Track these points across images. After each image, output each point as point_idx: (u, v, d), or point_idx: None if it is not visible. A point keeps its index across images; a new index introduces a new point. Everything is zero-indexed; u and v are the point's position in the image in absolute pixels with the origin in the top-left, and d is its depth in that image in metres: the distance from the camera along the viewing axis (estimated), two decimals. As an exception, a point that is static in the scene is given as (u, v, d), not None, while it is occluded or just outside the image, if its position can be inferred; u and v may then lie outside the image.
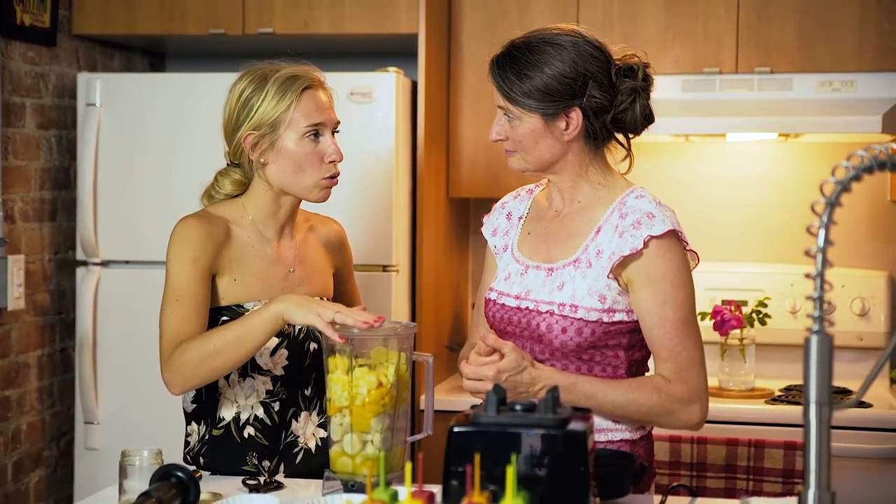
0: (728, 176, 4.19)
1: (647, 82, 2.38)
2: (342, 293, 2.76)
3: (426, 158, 3.76)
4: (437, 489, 1.88)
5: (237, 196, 2.59)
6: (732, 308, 3.78)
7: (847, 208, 4.13)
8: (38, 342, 3.85)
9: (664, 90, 3.88)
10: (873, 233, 4.08)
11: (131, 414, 3.80)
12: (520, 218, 2.54)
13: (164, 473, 2.07)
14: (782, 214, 4.14)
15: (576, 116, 2.33)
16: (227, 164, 2.60)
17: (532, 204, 2.55)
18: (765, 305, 3.84)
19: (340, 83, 3.63)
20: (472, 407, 1.97)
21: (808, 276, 1.67)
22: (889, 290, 3.98)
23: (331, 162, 2.52)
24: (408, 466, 1.63)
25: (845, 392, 3.77)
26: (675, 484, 2.35)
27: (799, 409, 3.54)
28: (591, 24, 3.85)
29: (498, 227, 2.56)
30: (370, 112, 3.61)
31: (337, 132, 2.56)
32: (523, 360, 2.26)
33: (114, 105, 3.82)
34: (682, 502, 2.27)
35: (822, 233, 1.65)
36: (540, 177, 2.47)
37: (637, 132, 2.42)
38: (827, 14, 3.77)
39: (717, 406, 3.57)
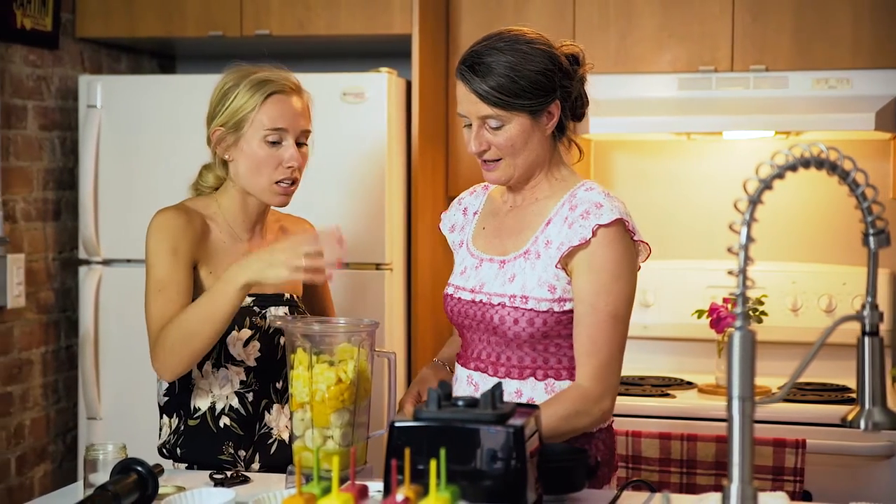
0: (728, 174, 4.19)
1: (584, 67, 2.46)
2: (314, 293, 2.81)
3: (421, 157, 3.79)
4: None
5: (215, 190, 2.65)
6: (729, 306, 3.78)
7: (849, 205, 4.14)
8: (41, 339, 3.92)
9: (660, 89, 3.90)
10: (834, 228, 4.07)
11: (133, 410, 3.86)
12: (474, 213, 2.58)
13: (123, 467, 2.12)
14: (782, 212, 4.14)
15: (555, 109, 2.38)
16: (213, 157, 2.67)
17: (486, 199, 2.59)
18: (761, 303, 3.83)
19: (333, 84, 3.70)
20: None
21: (730, 272, 1.69)
22: (891, 287, 3.97)
23: (288, 167, 2.55)
24: (334, 460, 1.67)
25: (845, 390, 3.76)
26: (636, 479, 2.36)
27: (790, 406, 3.55)
28: (587, 24, 3.90)
29: (455, 223, 2.61)
30: (362, 112, 3.65)
31: (303, 143, 2.59)
32: None
33: (114, 106, 3.89)
34: (642, 497, 2.29)
35: (744, 230, 1.67)
36: (517, 186, 2.46)
37: (581, 118, 2.48)
38: (822, 12, 3.77)
39: (709, 403, 3.58)
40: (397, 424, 1.91)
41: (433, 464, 1.64)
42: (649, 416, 3.54)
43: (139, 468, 2.11)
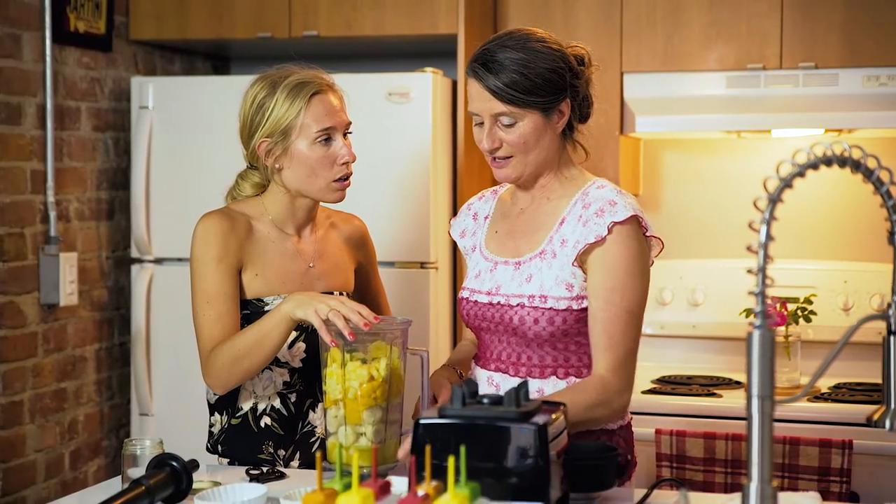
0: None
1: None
2: (367, 289, 2.83)
3: (466, 156, 3.81)
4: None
5: (257, 195, 2.68)
6: (777, 305, 3.76)
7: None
8: (95, 337, 4.00)
9: (708, 87, 3.89)
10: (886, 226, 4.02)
11: (184, 406, 3.91)
12: (486, 218, 2.60)
13: (159, 462, 2.16)
14: (834, 210, 4.10)
15: (566, 108, 2.41)
16: (247, 167, 2.69)
17: (497, 203, 2.61)
18: (810, 302, 3.80)
19: (378, 84, 3.73)
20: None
21: (749, 271, 1.69)
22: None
23: (343, 164, 2.59)
24: (355, 457, 1.69)
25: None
26: (665, 478, 2.37)
27: (837, 406, 3.52)
28: (634, 22, 3.89)
29: (465, 228, 2.63)
30: (407, 112, 3.68)
31: (349, 133, 2.63)
32: None
33: (166, 107, 3.95)
34: (672, 496, 2.28)
35: (763, 228, 1.67)
36: (527, 184, 2.48)
37: (587, 119, 2.50)
38: (872, 8, 3.73)
39: (756, 403, 3.56)
40: (422, 421, 1.92)
41: (451, 461, 1.65)
42: (696, 416, 3.52)
43: (174, 463, 2.15)
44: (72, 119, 3.87)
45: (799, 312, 3.80)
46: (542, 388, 2.40)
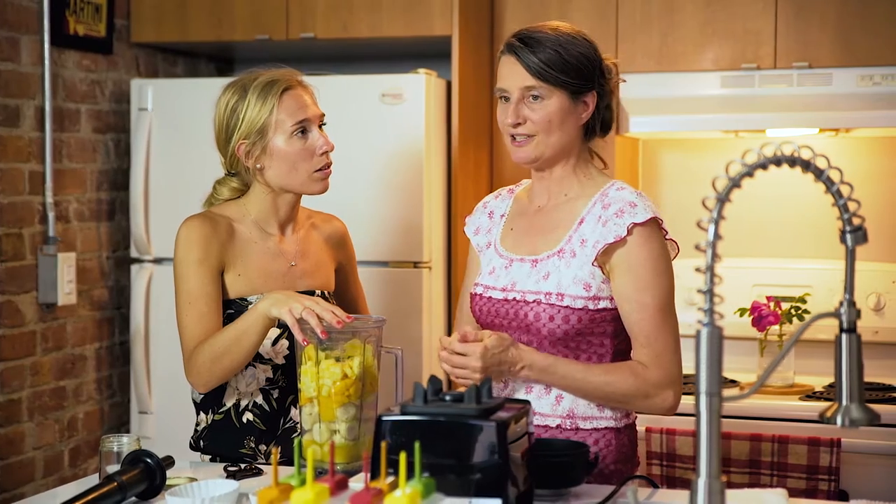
0: (774, 172, 4.15)
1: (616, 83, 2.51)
2: (346, 290, 2.87)
3: (461, 157, 3.83)
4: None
5: (237, 199, 2.72)
6: (771, 304, 3.76)
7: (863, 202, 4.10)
8: (95, 335, 4.04)
9: (703, 87, 3.90)
10: (886, 225, 4.03)
11: (183, 405, 3.93)
12: (501, 216, 2.62)
13: (133, 458, 2.20)
14: (832, 210, 4.10)
15: (591, 101, 2.45)
16: (225, 174, 2.74)
17: (513, 202, 2.62)
18: (804, 301, 3.80)
19: (372, 85, 3.76)
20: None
21: (698, 269, 1.71)
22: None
23: (322, 154, 2.64)
24: (310, 452, 1.72)
25: (889, 389, 3.72)
26: (637, 475, 2.39)
27: (826, 405, 3.51)
28: (629, 21, 3.91)
29: (480, 225, 2.64)
30: (401, 113, 3.71)
31: (324, 125, 2.68)
32: (505, 340, 2.34)
33: (165, 109, 3.99)
34: (644, 492, 2.30)
35: (711, 227, 1.70)
36: (542, 168, 2.51)
37: (608, 131, 2.53)
38: (866, 7, 3.74)
39: (748, 402, 3.55)
40: (384, 418, 1.95)
41: (402, 456, 1.68)
42: (686, 415, 3.52)
43: (148, 459, 2.19)
44: (71, 121, 3.92)
45: (793, 311, 3.80)
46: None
